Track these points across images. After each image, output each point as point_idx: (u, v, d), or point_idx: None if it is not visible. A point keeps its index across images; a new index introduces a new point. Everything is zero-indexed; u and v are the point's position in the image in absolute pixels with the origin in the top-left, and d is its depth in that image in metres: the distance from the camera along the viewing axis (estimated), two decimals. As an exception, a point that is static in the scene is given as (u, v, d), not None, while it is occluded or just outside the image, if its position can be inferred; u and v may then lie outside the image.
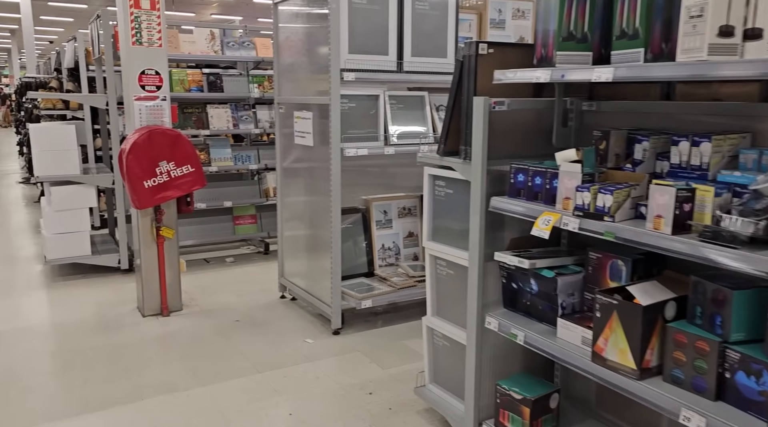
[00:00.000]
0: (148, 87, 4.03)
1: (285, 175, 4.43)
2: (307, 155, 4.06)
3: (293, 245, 4.42)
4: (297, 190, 4.28)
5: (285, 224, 4.51)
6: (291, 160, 4.32)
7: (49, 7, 20.01)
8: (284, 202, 4.47)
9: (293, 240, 4.41)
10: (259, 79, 5.75)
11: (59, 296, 4.70)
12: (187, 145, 3.98)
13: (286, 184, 4.42)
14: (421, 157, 2.71)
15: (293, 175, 4.32)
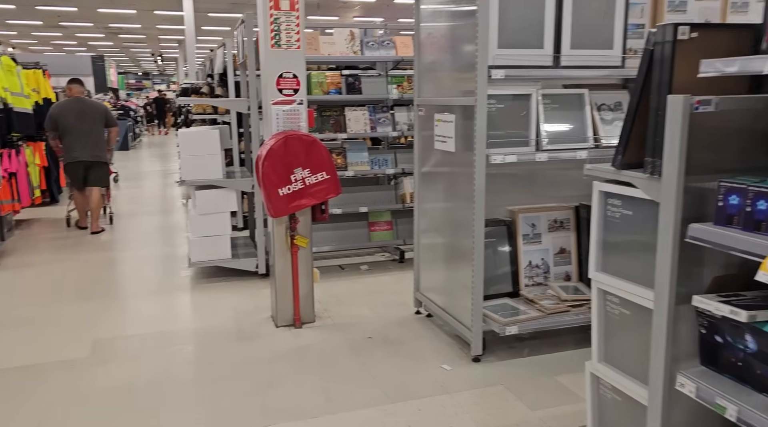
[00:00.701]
0: (285, 91, 3.90)
1: (423, 182, 4.11)
2: (448, 161, 3.70)
3: (430, 257, 4.08)
4: (436, 198, 3.94)
5: (422, 234, 4.19)
6: (430, 165, 3.99)
7: (209, 17, 21.59)
8: (422, 210, 4.15)
9: (430, 252, 4.08)
10: (398, 80, 5.49)
11: (200, 299, 4.78)
12: (323, 152, 3.79)
13: (424, 191, 4.10)
14: (589, 169, 2.23)
15: (432, 182, 3.98)
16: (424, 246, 4.17)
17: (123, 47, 33.12)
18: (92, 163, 6.96)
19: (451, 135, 3.59)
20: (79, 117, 6.85)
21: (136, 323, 4.26)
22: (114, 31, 25.79)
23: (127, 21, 22.79)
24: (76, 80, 7.17)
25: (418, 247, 4.24)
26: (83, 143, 6.86)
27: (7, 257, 6.05)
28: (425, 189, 4.09)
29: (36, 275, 5.50)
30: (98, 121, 6.98)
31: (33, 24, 23.50)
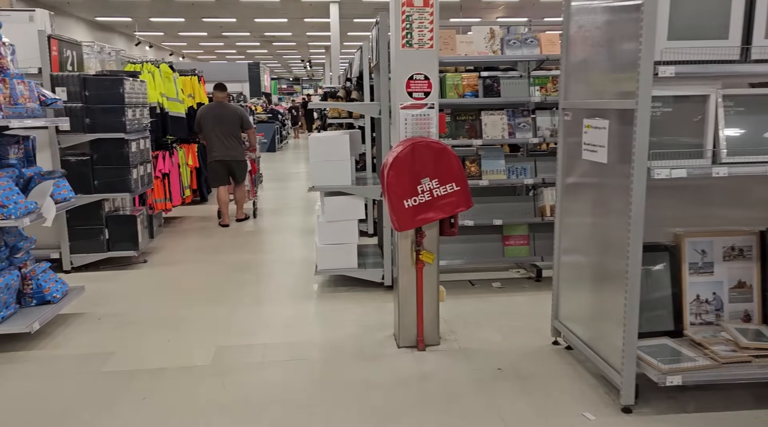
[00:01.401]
0: (415, 94, 3.60)
1: (567, 194, 3.60)
2: (599, 172, 3.18)
3: (572, 280, 3.57)
4: (582, 214, 3.42)
5: (563, 253, 3.68)
6: (576, 176, 3.48)
7: (354, 24, 22.13)
8: (564, 226, 3.65)
9: (573, 274, 3.56)
10: (542, 81, 4.98)
11: (325, 309, 4.64)
12: (453, 161, 3.44)
13: (569, 205, 3.59)
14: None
15: (578, 195, 3.47)
16: (566, 267, 3.66)
17: (276, 54, 35.19)
18: (230, 162, 7.66)
19: (604, 143, 3.07)
20: (217, 120, 7.55)
21: (260, 331, 4.20)
22: (268, 39, 27.41)
23: (279, 29, 24.07)
24: (218, 86, 7.85)
25: (558, 268, 3.74)
26: (221, 144, 7.58)
27: (155, 255, 6.41)
28: (569, 203, 3.58)
29: (176, 275, 5.73)
30: (234, 124, 7.62)
31: (199, 35, 25.66)
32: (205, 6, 18.37)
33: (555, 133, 4.98)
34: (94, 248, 5.73)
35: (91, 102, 5.57)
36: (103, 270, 5.76)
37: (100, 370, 3.59)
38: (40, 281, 4.16)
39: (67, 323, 4.34)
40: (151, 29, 23.64)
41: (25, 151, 4.27)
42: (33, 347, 3.91)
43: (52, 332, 4.16)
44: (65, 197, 4.30)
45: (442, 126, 3.63)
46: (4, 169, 3.98)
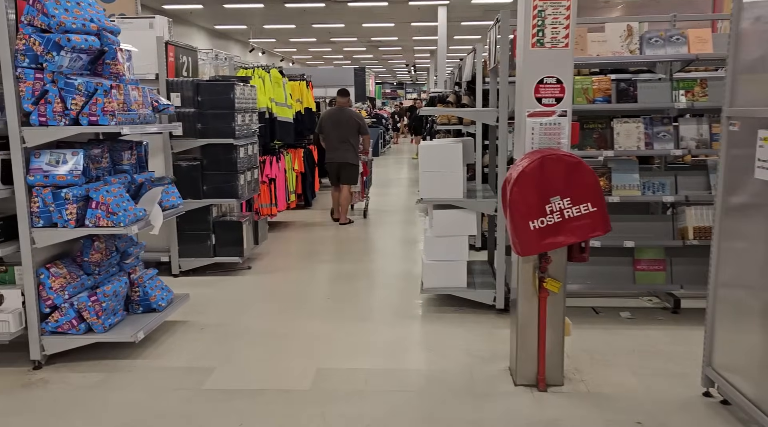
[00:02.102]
0: (545, 99, 3.17)
1: (730, 216, 3.02)
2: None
3: (734, 320, 2.98)
4: (752, 240, 2.84)
5: (722, 286, 3.10)
6: (745, 195, 2.90)
7: (461, 27, 21.70)
8: (725, 253, 3.06)
9: (735, 313, 2.98)
10: (688, 85, 4.35)
11: (431, 332, 4.29)
12: (589, 178, 2.97)
13: (732, 229, 3.01)
14: None
15: (747, 219, 2.89)
16: (725, 303, 3.07)
17: (381, 59, 35.48)
18: (342, 164, 7.98)
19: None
20: (335, 124, 7.99)
21: (362, 353, 3.93)
22: (374, 44, 27.60)
23: (386, 34, 24.11)
24: (340, 92, 8.31)
25: (713, 303, 3.15)
26: (336, 147, 7.98)
27: (259, 261, 6.35)
28: (734, 227, 2.99)
29: (279, 283, 5.61)
30: (351, 129, 7.98)
31: (309, 41, 26.30)
32: (315, 12, 18.68)
33: (702, 143, 4.33)
34: (201, 253, 5.74)
35: (203, 107, 5.58)
36: (209, 275, 5.76)
37: (200, 387, 3.45)
38: (146, 289, 4.13)
39: (172, 331, 4.29)
40: (264, 36, 24.50)
41: (138, 157, 4.27)
42: (137, 356, 3.87)
43: (157, 340, 4.11)
44: (173, 204, 4.26)
45: (575, 136, 3.17)
46: (118, 176, 3.97)
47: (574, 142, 3.21)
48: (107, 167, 3.97)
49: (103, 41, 3.69)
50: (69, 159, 3.60)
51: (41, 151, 3.59)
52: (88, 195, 3.62)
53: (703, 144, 4.34)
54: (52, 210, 3.56)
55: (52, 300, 3.65)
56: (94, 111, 3.53)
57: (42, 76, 3.49)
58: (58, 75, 3.48)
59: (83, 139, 3.93)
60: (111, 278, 3.98)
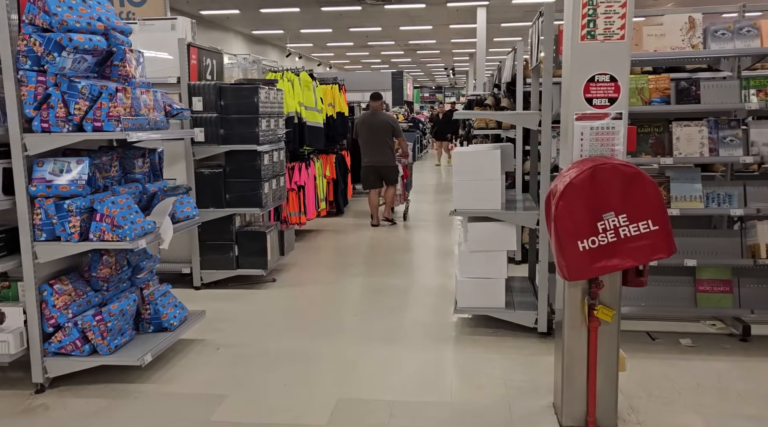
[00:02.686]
0: (597, 100, 2.74)
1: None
2: None
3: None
4: None
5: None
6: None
7: (501, 29, 21.16)
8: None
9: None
10: (760, 83, 3.84)
11: (464, 358, 3.89)
12: (650, 191, 2.54)
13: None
14: None
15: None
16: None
17: (419, 63, 35.09)
18: (379, 167, 8.19)
19: None
20: (370, 128, 8.15)
21: (387, 381, 3.55)
22: (412, 47, 27.26)
23: (424, 37, 23.75)
24: (373, 96, 8.43)
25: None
26: (372, 150, 8.15)
27: (285, 273, 6.05)
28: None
29: (304, 298, 5.29)
30: (385, 132, 8.13)
31: (346, 45, 26.14)
32: (351, 15, 18.46)
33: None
34: (224, 265, 5.47)
35: (226, 112, 5.32)
36: (231, 288, 5.48)
37: (209, 418, 3.14)
38: (158, 306, 3.85)
39: (186, 352, 4.00)
40: (301, 41, 24.43)
41: (151, 165, 4.01)
42: (146, 379, 3.59)
43: (169, 361, 3.83)
44: (188, 215, 3.97)
45: (632, 143, 2.74)
46: (128, 185, 3.71)
47: (630, 149, 2.78)
48: (116, 176, 3.71)
49: (111, 41, 3.44)
50: (73, 168, 3.35)
51: (45, 159, 3.35)
52: (93, 207, 3.36)
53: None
54: (54, 223, 3.31)
55: (56, 319, 3.40)
56: (99, 116, 3.27)
57: (45, 79, 3.25)
58: (61, 78, 3.24)
59: (93, 147, 3.68)
60: (120, 295, 3.71)
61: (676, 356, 3.78)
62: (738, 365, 3.63)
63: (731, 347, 3.90)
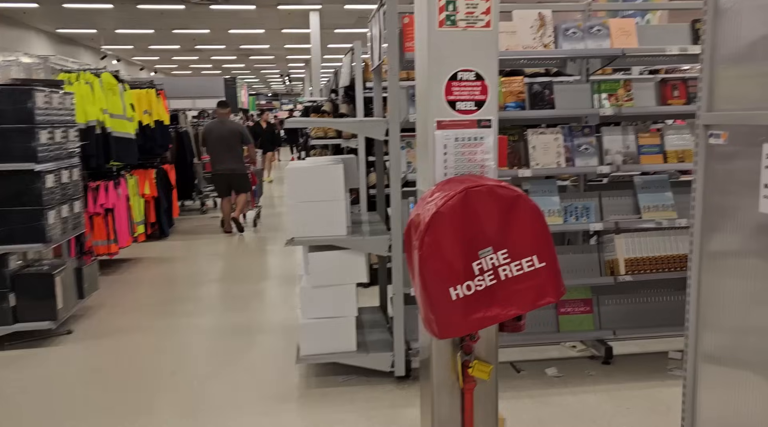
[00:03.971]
0: (461, 103, 2.18)
1: (715, 258, 2.21)
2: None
3: (727, 380, 2.15)
4: (752, 293, 2.03)
5: (711, 348, 2.27)
6: (739, 233, 2.08)
7: (335, 35, 20.81)
8: (708, 311, 2.24)
9: (727, 382, 2.15)
10: (610, 87, 3.61)
11: (310, 422, 3.16)
12: (534, 218, 2.01)
13: (715, 276, 2.19)
14: None
15: (743, 262, 2.07)
16: (712, 373, 2.24)
17: (254, 69, 33.77)
18: (229, 175, 8.00)
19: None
20: (218, 136, 7.99)
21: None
22: (245, 52, 26.01)
23: (257, 41, 22.69)
24: (221, 103, 8.31)
25: (694, 369, 2.32)
26: (222, 158, 7.98)
27: (85, 321, 4.87)
28: (717, 272, 2.17)
29: (108, 354, 4.20)
30: (234, 140, 8.00)
31: (172, 48, 24.15)
32: (174, 15, 16.90)
33: (630, 157, 3.60)
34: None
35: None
36: (9, 349, 4.22)
37: None
38: None
39: None
40: (119, 42, 22.09)
41: None
42: None
43: None
44: None
45: (503, 156, 2.22)
46: None
47: (501, 165, 2.25)
48: None
49: None
50: None
51: None
52: None
53: (631, 158, 3.62)
54: None
55: None
56: None
57: None
58: None
59: None
60: None
61: (545, 391, 3.40)
62: (609, 397, 3.32)
63: (597, 374, 3.61)
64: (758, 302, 1.96)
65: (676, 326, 3.67)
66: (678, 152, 3.66)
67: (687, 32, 3.65)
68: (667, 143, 3.66)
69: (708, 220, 2.21)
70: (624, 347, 3.89)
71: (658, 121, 4.76)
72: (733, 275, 2.08)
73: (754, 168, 1.94)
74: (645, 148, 3.64)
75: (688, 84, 3.69)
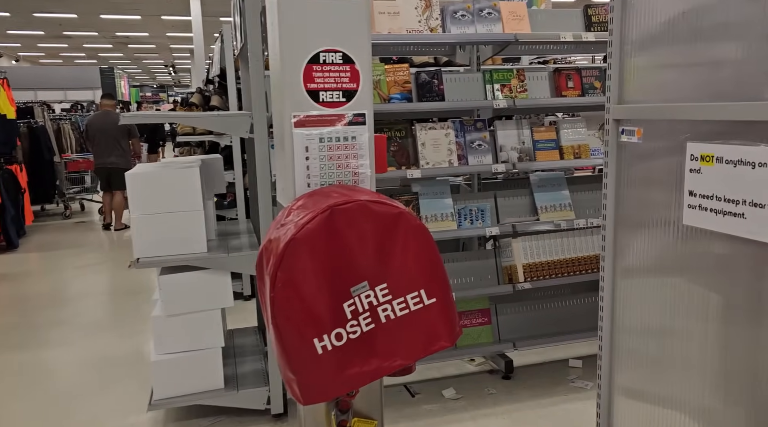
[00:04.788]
0: (325, 94, 1.70)
1: (629, 273, 1.89)
2: (741, 253, 1.48)
3: (643, 391, 1.85)
4: (670, 309, 1.72)
5: (628, 381, 1.96)
6: (655, 246, 1.77)
7: (221, 23, 19.64)
8: (625, 323, 1.93)
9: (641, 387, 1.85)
10: (503, 76, 3.28)
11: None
12: (420, 240, 1.57)
13: (630, 290, 1.88)
14: None
15: (659, 277, 1.76)
16: (628, 411, 1.94)
17: (135, 59, 31.45)
18: (113, 169, 7.55)
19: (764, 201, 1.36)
20: (102, 128, 7.59)
21: None
22: (122, 40, 24.04)
23: (133, 29, 20.98)
24: (105, 95, 8.07)
25: (608, 400, 2.00)
26: (105, 152, 7.60)
27: None
28: (631, 287, 1.86)
29: None
30: (119, 133, 7.62)
31: (35, 34, 21.79)
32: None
33: (526, 154, 3.30)
34: None
35: None
36: None
37: None
38: None
39: None
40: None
41: None
42: None
43: None
44: None
45: (382, 160, 1.75)
46: None
47: (380, 170, 1.80)
48: None
49: None
50: None
51: None
52: None
53: (527, 154, 3.32)
54: None
55: None
56: None
57: None
58: None
59: None
60: None
61: (444, 419, 3.02)
62: (510, 421, 3.00)
63: (498, 392, 3.29)
64: (671, 310, 1.65)
65: (577, 332, 3.45)
66: (574, 147, 3.41)
67: (580, 18, 3.41)
68: (563, 138, 3.40)
69: (621, 233, 1.88)
70: (524, 358, 3.63)
71: (549, 114, 4.56)
72: (645, 286, 1.77)
73: (672, 168, 1.63)
74: (541, 143, 3.36)
75: (582, 74, 3.45)
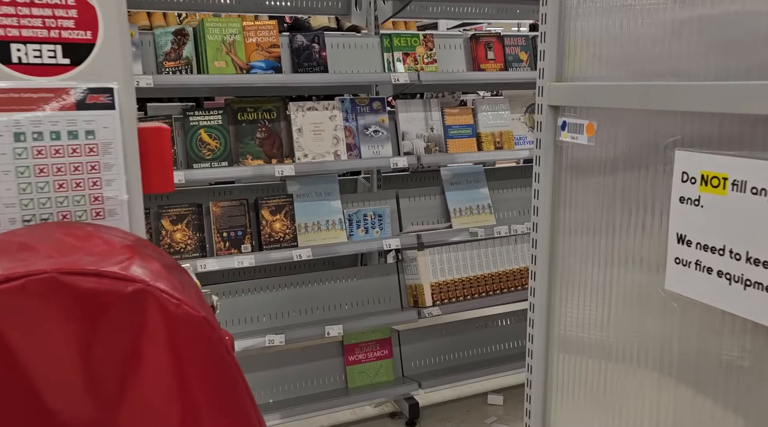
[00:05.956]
0: (24, 48, 0.87)
1: (564, 286, 1.21)
2: None
3: None
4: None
5: None
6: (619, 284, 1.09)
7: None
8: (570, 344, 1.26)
9: None
10: (408, 43, 2.53)
11: None
12: (195, 347, 0.79)
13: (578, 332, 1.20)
14: None
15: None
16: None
17: None
18: None
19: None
20: None
21: None
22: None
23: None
24: None
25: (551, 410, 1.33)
26: None
27: None
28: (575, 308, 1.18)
29: None
30: None
31: None
32: None
33: (436, 143, 2.58)
34: None
35: None
36: None
37: None
38: None
39: None
40: None
41: None
42: None
43: None
44: None
45: (164, 171, 0.94)
46: None
47: (162, 189, 1.00)
48: None
49: None
50: None
51: None
52: None
53: (436, 144, 2.60)
54: None
55: None
56: None
57: None
58: None
59: None
60: None
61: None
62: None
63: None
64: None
65: (495, 365, 2.81)
66: (495, 135, 2.73)
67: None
68: (481, 123, 2.71)
69: (560, 241, 1.20)
70: (434, 394, 2.96)
71: (465, 93, 3.88)
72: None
73: (645, 191, 0.95)
74: (454, 129, 2.65)
75: (505, 43, 2.76)
